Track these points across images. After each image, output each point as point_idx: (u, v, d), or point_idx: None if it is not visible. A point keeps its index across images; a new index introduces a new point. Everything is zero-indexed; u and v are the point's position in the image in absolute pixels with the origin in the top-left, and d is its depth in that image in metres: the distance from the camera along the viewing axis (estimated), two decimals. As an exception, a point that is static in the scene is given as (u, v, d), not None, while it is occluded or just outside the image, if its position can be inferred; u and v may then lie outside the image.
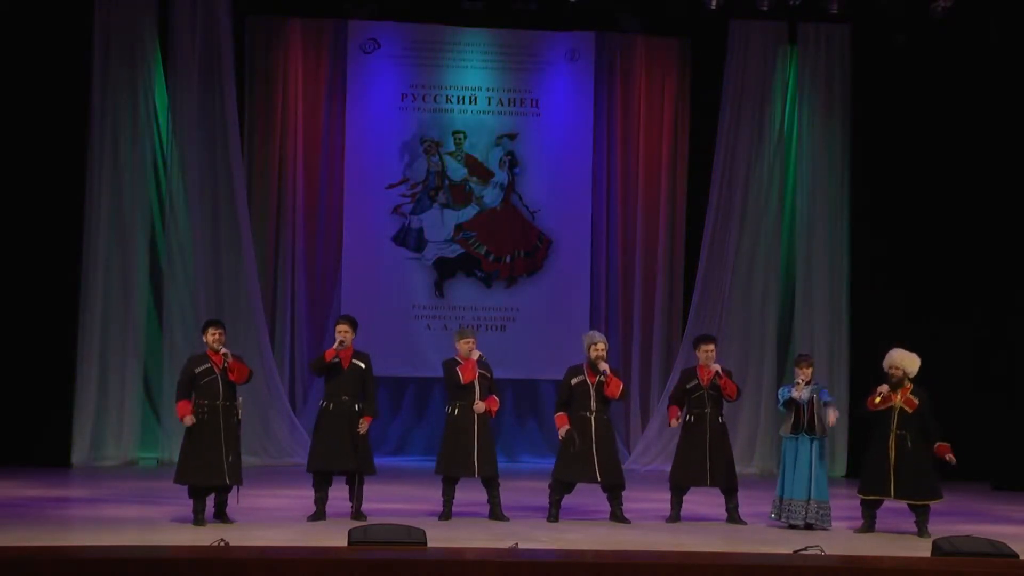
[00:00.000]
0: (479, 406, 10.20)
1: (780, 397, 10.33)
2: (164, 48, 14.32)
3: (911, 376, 10.06)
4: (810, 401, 10.20)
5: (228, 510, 9.76)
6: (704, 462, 10.34)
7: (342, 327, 10.14)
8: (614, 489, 10.30)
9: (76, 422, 13.67)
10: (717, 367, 10.40)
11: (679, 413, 10.51)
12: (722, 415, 10.52)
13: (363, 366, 10.12)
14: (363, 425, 9.99)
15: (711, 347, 10.56)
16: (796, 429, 10.20)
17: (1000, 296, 14.21)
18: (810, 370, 10.34)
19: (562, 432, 10.25)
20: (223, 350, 9.79)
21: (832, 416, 10.25)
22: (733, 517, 10.41)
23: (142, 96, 14.13)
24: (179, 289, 14.22)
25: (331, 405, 10.03)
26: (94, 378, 13.76)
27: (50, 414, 13.48)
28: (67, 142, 13.79)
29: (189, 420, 9.59)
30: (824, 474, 10.26)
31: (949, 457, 9.97)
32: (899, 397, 10.00)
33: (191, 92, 14.27)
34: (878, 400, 10.03)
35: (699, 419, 10.41)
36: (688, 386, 10.52)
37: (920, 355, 10.27)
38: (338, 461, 9.98)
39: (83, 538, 8.75)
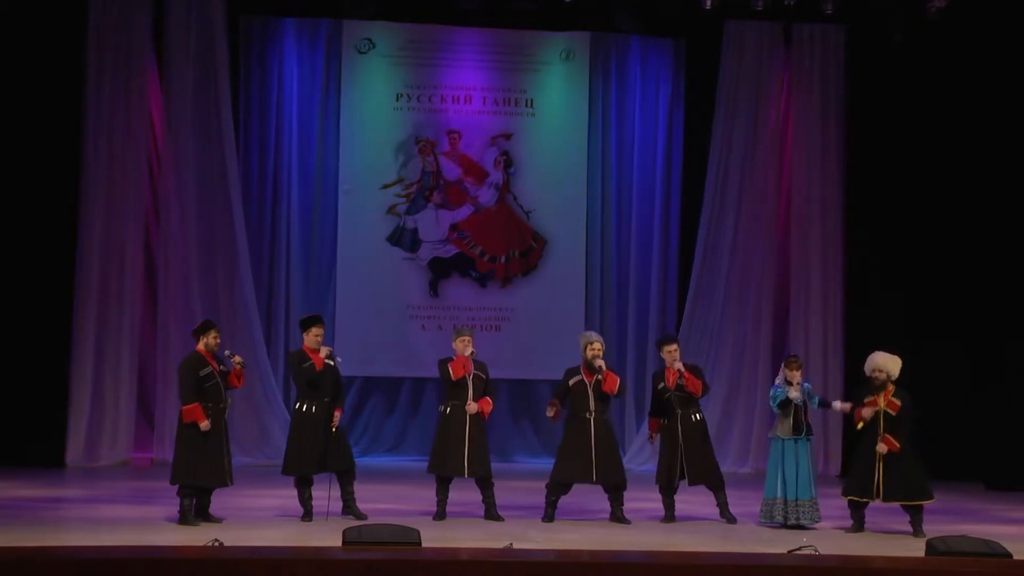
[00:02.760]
0: (471, 407, 10.19)
1: (774, 398, 10.34)
2: (159, 47, 14.30)
3: (893, 378, 10.07)
4: (804, 403, 10.26)
5: (212, 509, 9.77)
6: (676, 463, 10.33)
7: (320, 331, 10.10)
8: (615, 489, 10.30)
9: (70, 422, 13.64)
10: (679, 366, 10.39)
11: (657, 427, 10.53)
12: (697, 413, 10.46)
13: (333, 364, 10.12)
14: (336, 418, 9.95)
15: (673, 347, 10.53)
16: (797, 431, 10.23)
17: (994, 297, 14.22)
18: (799, 371, 10.37)
19: (548, 411, 10.26)
20: (237, 357, 9.82)
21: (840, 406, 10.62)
22: (724, 513, 10.41)
23: (137, 95, 14.10)
24: (173, 289, 14.20)
25: (313, 407, 9.97)
26: (88, 378, 13.73)
27: (44, 414, 13.45)
28: (62, 140, 13.76)
29: (206, 425, 9.50)
30: (815, 471, 10.42)
31: (882, 447, 9.87)
32: (882, 401, 10.02)
33: (186, 91, 14.26)
34: (860, 426, 10.09)
35: (671, 420, 10.41)
36: (658, 388, 10.54)
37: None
38: (325, 463, 9.97)
39: (78, 538, 8.73)
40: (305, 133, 15.13)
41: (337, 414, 10.01)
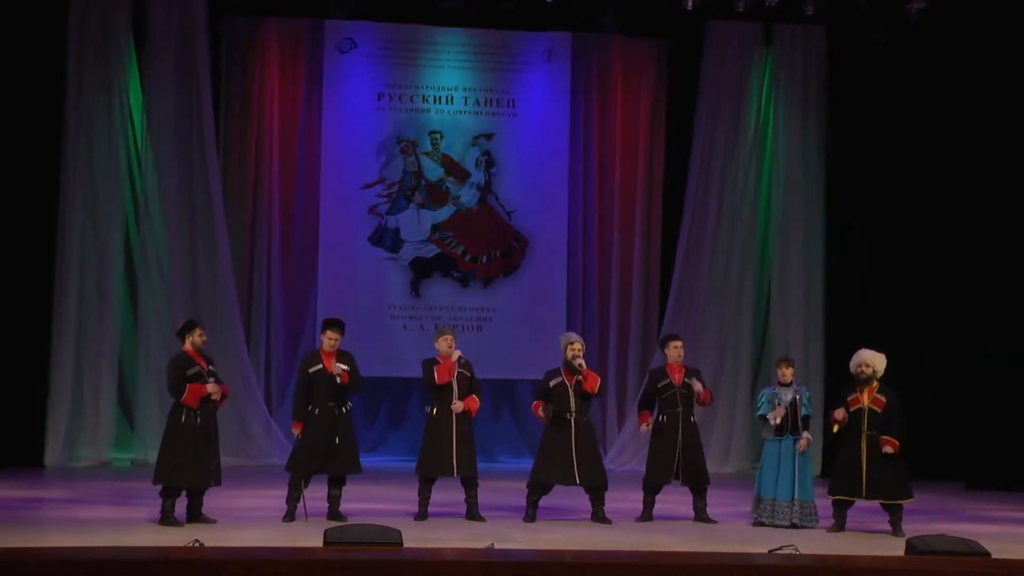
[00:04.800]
0: (457, 406, 10.18)
1: (759, 405, 10.36)
2: (139, 47, 14.25)
3: (879, 375, 10.11)
4: (793, 403, 10.25)
5: (204, 509, 9.73)
6: (673, 461, 10.33)
7: (334, 335, 10.13)
8: (597, 490, 10.29)
9: (50, 422, 13.59)
10: (699, 387, 10.37)
11: (649, 418, 10.49)
12: (693, 414, 10.53)
13: (346, 368, 10.09)
14: (340, 370, 9.87)
15: (679, 344, 10.56)
16: (781, 431, 10.24)
17: (974, 297, 14.29)
18: (790, 370, 10.38)
19: (541, 412, 10.24)
20: (211, 385, 9.67)
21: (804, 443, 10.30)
22: (701, 516, 10.42)
23: (117, 96, 14.05)
24: (154, 290, 14.15)
25: (316, 411, 10.00)
26: (68, 378, 13.67)
27: (23, 414, 13.39)
28: (42, 142, 13.70)
29: (213, 387, 9.51)
30: (809, 474, 10.33)
31: (888, 449, 9.93)
32: (867, 398, 10.05)
33: (166, 91, 14.21)
34: (836, 429, 10.13)
35: (671, 419, 10.39)
36: (659, 385, 10.48)
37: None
38: (323, 466, 9.96)
39: (58, 539, 8.70)
40: (286, 133, 15.10)
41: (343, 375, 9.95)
